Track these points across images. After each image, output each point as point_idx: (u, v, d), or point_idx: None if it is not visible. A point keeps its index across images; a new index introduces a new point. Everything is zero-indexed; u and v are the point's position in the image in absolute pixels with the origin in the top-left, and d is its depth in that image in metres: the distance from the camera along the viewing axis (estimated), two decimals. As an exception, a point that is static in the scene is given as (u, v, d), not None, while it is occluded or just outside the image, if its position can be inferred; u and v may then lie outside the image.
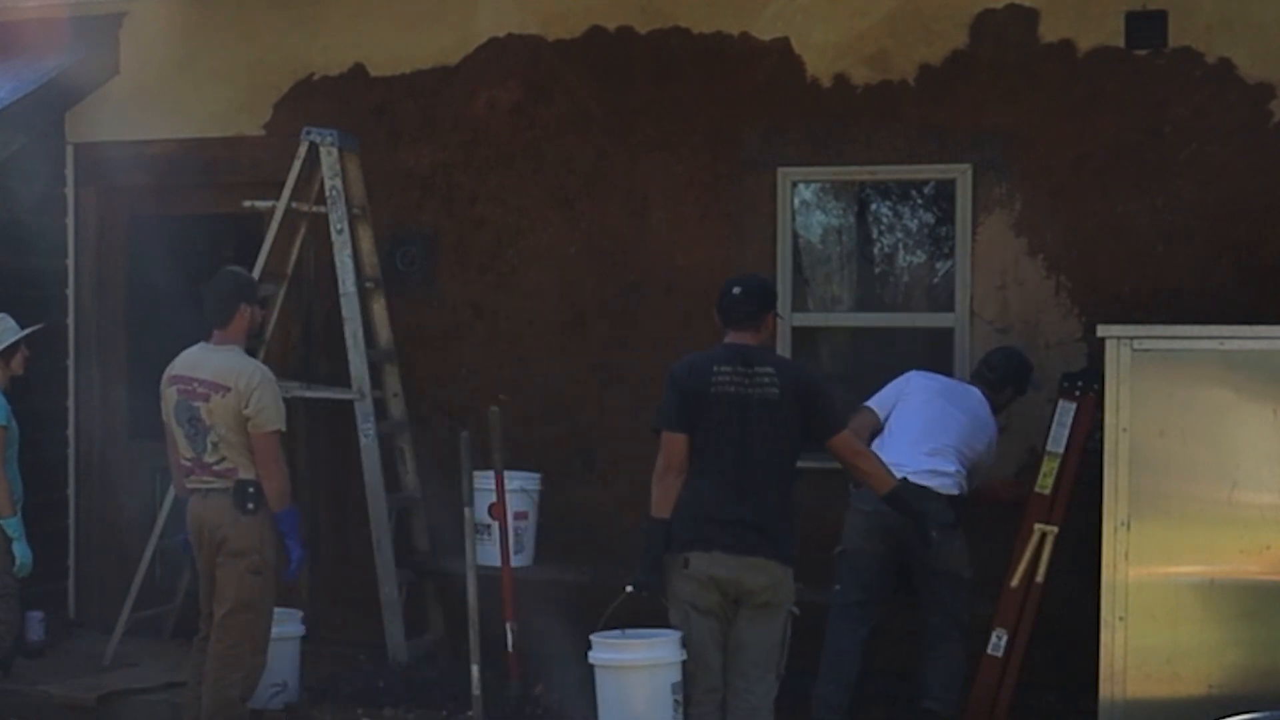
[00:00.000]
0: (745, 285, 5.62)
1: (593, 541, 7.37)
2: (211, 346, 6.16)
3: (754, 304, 5.57)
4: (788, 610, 5.48)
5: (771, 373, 5.46)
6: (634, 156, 7.41)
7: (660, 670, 5.57)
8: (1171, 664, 5.65)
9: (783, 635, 5.49)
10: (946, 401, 6.43)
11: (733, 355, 5.52)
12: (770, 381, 5.44)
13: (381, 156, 7.66)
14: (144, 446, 8.05)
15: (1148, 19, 6.74)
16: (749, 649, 5.46)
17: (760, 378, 5.45)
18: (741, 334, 5.56)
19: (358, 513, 7.33)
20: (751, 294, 5.58)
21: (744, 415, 5.43)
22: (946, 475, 6.29)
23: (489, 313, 7.64)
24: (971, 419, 6.44)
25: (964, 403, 6.48)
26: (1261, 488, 5.59)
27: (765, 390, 5.43)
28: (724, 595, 5.43)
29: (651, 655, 5.61)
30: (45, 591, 7.73)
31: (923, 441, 6.29)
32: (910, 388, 6.50)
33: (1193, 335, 5.75)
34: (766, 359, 5.54)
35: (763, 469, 5.42)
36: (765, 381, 5.44)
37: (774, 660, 5.48)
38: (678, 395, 5.52)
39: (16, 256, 7.87)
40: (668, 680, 5.55)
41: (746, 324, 5.56)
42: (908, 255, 7.63)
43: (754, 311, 5.56)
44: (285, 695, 6.65)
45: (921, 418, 6.37)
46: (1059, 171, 6.88)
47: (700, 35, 7.29)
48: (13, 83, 7.73)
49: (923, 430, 6.32)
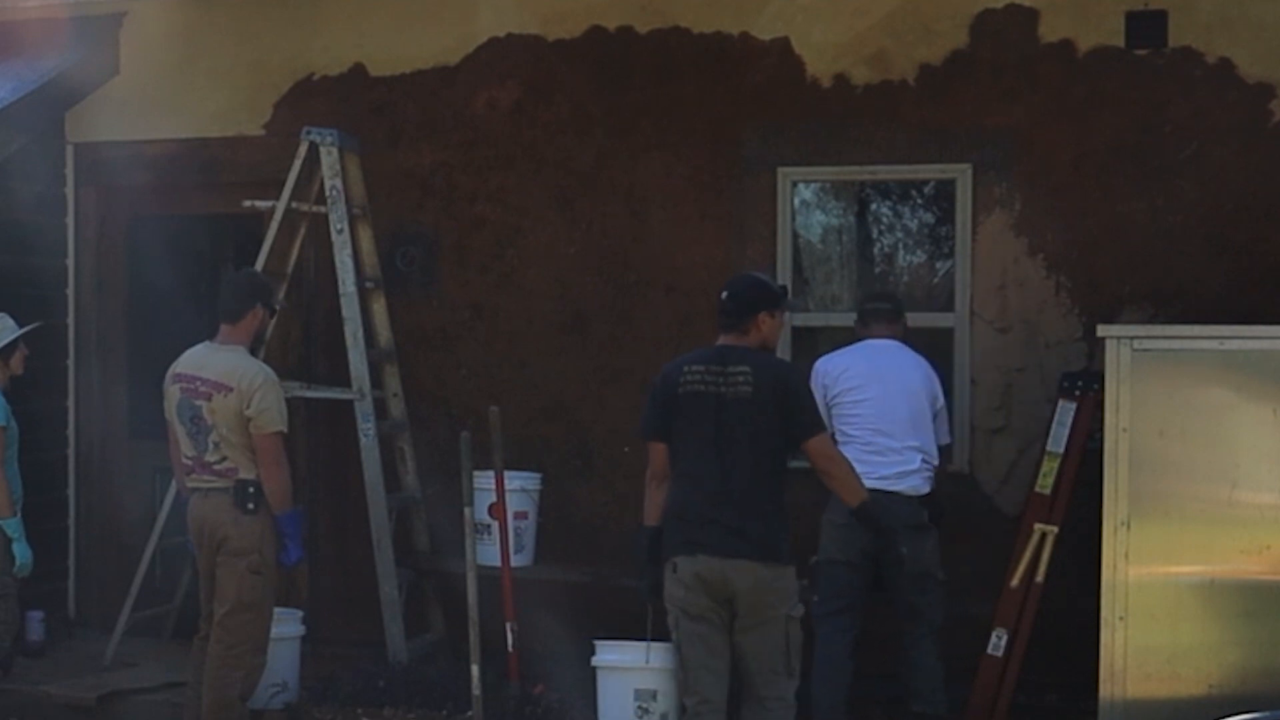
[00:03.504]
0: (731, 289, 5.59)
1: (593, 541, 7.37)
2: (216, 345, 6.16)
3: (738, 306, 5.51)
4: (785, 614, 5.37)
5: (747, 371, 5.38)
6: (634, 156, 7.41)
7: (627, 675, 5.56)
8: (1171, 664, 5.65)
9: (785, 638, 5.38)
10: (883, 386, 6.27)
11: (708, 356, 5.49)
12: (745, 380, 5.37)
13: (381, 156, 7.65)
14: (144, 446, 8.05)
15: (1148, 19, 6.74)
16: (749, 657, 5.40)
17: (734, 377, 5.38)
18: (728, 335, 5.53)
19: (358, 513, 7.32)
20: (735, 297, 5.54)
21: (719, 415, 5.38)
22: (913, 474, 6.21)
23: (489, 313, 7.65)
24: (919, 387, 6.32)
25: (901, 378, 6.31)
26: (1261, 488, 5.59)
27: (739, 389, 5.37)
28: (714, 598, 5.36)
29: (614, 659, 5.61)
30: (45, 591, 7.73)
31: (878, 442, 6.20)
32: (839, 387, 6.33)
33: (1193, 335, 5.76)
34: (745, 358, 5.43)
35: (741, 469, 5.35)
36: (739, 380, 5.37)
37: (781, 664, 5.39)
38: (652, 401, 5.54)
39: (16, 256, 7.87)
40: (630, 685, 5.52)
41: (732, 326, 5.52)
42: (908, 255, 7.63)
43: (738, 313, 5.50)
44: (285, 695, 6.65)
45: (873, 414, 6.24)
46: (1059, 171, 6.88)
47: (700, 35, 7.29)
48: (13, 83, 7.72)
49: (875, 431, 6.22)
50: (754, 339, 5.51)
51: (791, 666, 5.42)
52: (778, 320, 5.63)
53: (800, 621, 5.44)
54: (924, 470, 6.26)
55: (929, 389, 6.36)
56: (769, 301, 5.57)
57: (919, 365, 6.39)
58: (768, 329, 5.56)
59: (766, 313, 5.54)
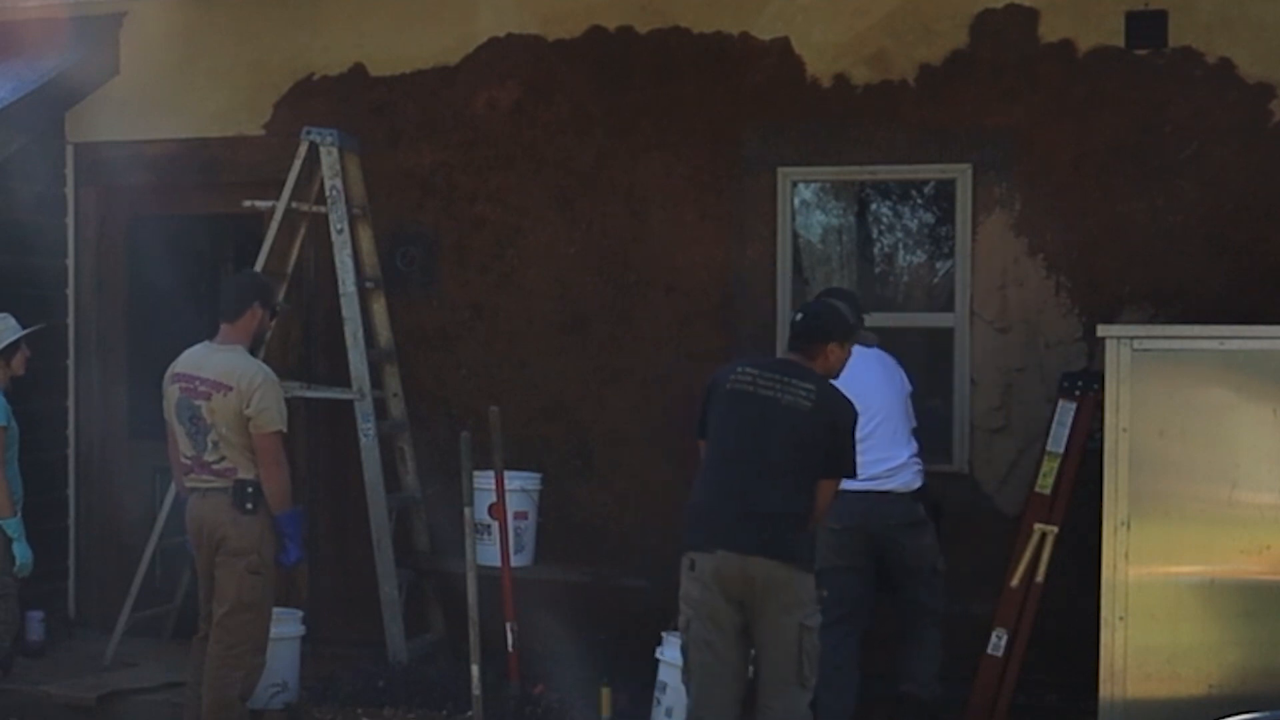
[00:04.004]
0: (807, 313, 5.65)
1: (593, 541, 7.37)
2: (215, 345, 6.16)
3: (809, 332, 5.54)
4: (799, 620, 5.31)
5: (811, 389, 5.39)
6: (634, 156, 7.41)
7: None
8: (1171, 664, 5.65)
9: (799, 646, 5.32)
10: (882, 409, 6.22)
11: (768, 364, 5.56)
12: (806, 395, 5.38)
13: (381, 156, 7.65)
14: (144, 446, 8.05)
15: (1148, 19, 6.74)
16: (760, 663, 5.36)
17: (796, 388, 5.39)
18: (794, 354, 5.56)
19: (358, 513, 7.32)
20: (810, 322, 5.58)
21: (764, 415, 5.37)
22: (901, 469, 6.18)
23: (489, 313, 7.64)
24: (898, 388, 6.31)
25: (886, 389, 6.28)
26: (1261, 488, 5.59)
27: (798, 400, 5.37)
28: (729, 598, 5.31)
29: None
30: (45, 591, 7.73)
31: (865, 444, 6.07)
32: None
33: (1193, 335, 5.76)
34: (810, 377, 5.44)
35: (777, 473, 5.32)
36: (801, 393, 5.38)
37: (793, 673, 5.32)
38: (701, 400, 5.56)
39: (16, 256, 7.87)
40: None
41: (799, 348, 5.55)
42: (908, 255, 7.63)
43: (809, 338, 5.54)
44: (285, 695, 6.65)
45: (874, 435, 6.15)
46: (1059, 171, 6.88)
47: (700, 35, 7.29)
48: (13, 83, 7.72)
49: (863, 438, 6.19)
50: (819, 365, 5.52)
51: (804, 676, 5.34)
52: (845, 351, 5.61)
53: (816, 633, 5.37)
54: (913, 465, 6.25)
55: (903, 386, 6.36)
56: (842, 334, 5.59)
57: (886, 364, 6.35)
58: (834, 359, 5.56)
59: (837, 343, 5.55)
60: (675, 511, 7.23)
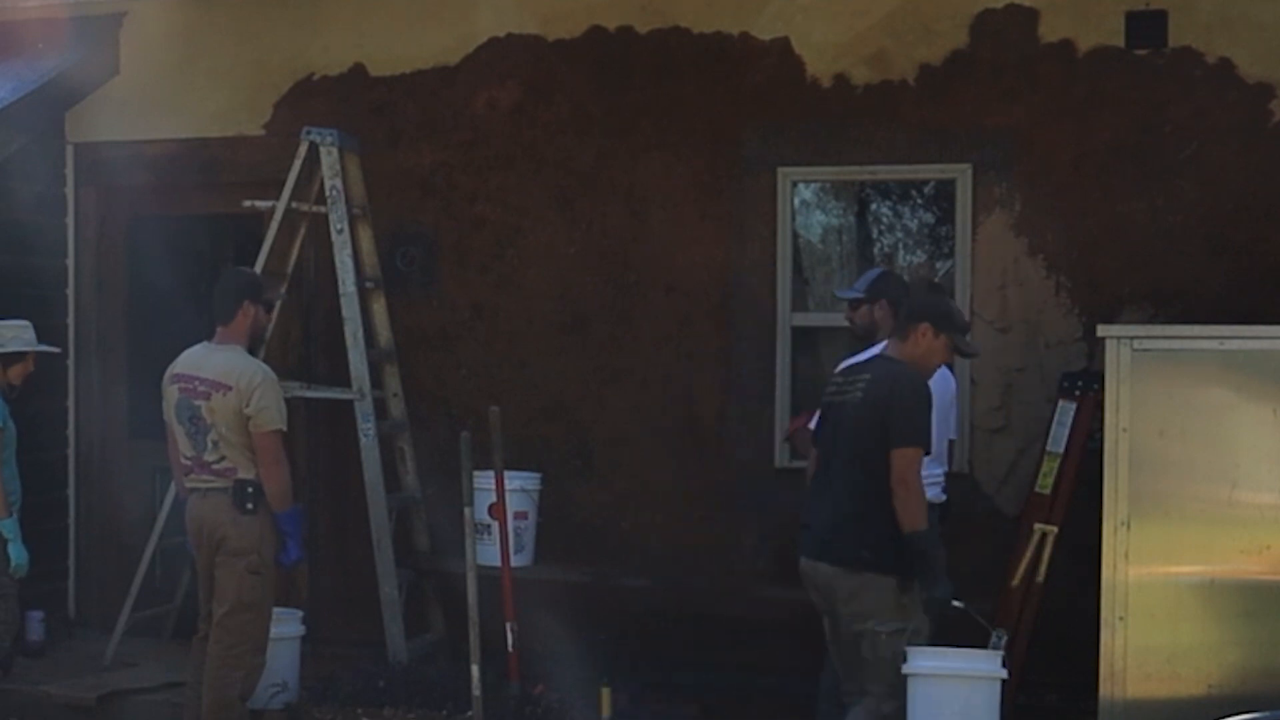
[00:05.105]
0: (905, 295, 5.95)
1: (593, 541, 7.37)
2: (214, 345, 6.17)
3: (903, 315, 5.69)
4: (871, 627, 5.32)
5: (867, 378, 5.48)
6: (634, 156, 7.41)
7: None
8: (1171, 664, 5.64)
9: (857, 650, 5.37)
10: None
11: (854, 364, 5.75)
12: (861, 387, 5.47)
13: (381, 156, 7.65)
14: (144, 446, 8.05)
15: (1148, 19, 6.74)
16: (839, 663, 5.57)
17: (855, 384, 5.51)
18: (892, 340, 5.69)
19: (358, 513, 7.32)
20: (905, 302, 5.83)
21: (837, 421, 5.54)
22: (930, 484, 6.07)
23: (489, 313, 7.64)
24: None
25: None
26: (1261, 488, 5.58)
27: (853, 395, 5.49)
28: (821, 600, 5.54)
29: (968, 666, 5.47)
30: (45, 591, 7.73)
31: None
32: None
33: (1193, 335, 5.75)
34: (872, 367, 5.56)
35: (841, 475, 5.45)
36: (858, 387, 5.49)
37: (867, 675, 5.37)
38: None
39: (16, 256, 7.87)
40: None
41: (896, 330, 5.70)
42: (908, 255, 7.63)
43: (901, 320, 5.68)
44: (285, 695, 6.65)
45: None
46: (1059, 171, 6.88)
47: (700, 35, 7.29)
48: (13, 83, 7.72)
49: None
50: (908, 350, 5.55)
51: (874, 685, 5.35)
52: (941, 342, 5.56)
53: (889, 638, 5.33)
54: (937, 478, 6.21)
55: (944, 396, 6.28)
56: (936, 318, 5.56)
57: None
58: (924, 345, 5.54)
59: (930, 325, 5.53)
60: (675, 511, 7.30)
